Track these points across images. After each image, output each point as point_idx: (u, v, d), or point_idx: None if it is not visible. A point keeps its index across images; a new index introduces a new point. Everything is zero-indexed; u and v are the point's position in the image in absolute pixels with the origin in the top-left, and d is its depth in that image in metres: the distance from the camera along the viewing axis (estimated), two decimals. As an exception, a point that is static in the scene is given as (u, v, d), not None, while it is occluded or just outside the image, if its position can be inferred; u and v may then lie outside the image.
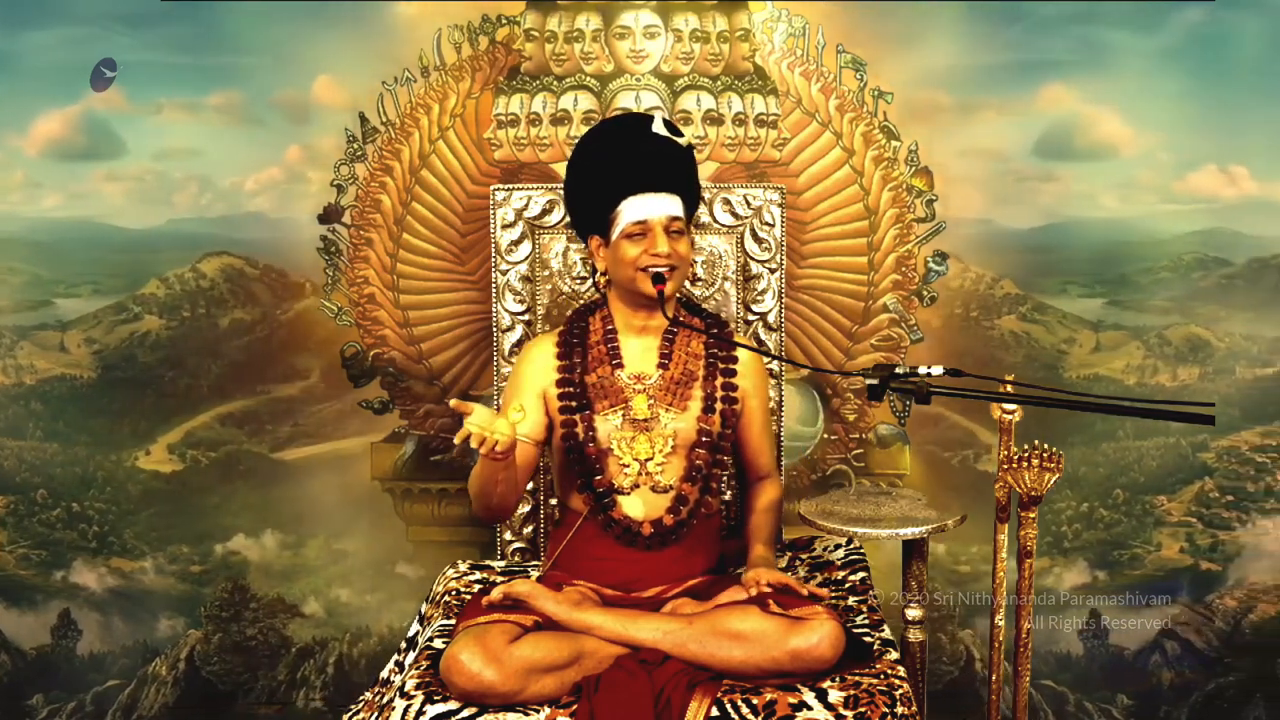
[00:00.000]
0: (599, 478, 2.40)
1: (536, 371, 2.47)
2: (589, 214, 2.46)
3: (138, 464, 3.34)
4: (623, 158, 2.40)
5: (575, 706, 2.05)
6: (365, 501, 3.32)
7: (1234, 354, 3.28)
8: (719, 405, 2.44)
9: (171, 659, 3.40)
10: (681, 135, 2.43)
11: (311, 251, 3.25)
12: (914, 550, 2.51)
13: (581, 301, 2.75)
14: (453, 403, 2.13)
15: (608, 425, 2.41)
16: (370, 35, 3.15)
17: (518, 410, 2.29)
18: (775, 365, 2.78)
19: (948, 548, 3.31)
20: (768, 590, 2.19)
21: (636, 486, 2.40)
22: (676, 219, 2.37)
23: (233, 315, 3.31)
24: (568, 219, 2.67)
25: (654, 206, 2.37)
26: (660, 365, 2.45)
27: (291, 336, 3.31)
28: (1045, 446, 2.35)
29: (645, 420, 2.41)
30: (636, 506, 2.40)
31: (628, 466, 2.40)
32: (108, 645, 3.41)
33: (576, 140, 2.73)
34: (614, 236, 2.40)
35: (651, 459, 2.40)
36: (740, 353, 2.48)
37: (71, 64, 3.17)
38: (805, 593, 2.20)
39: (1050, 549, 3.33)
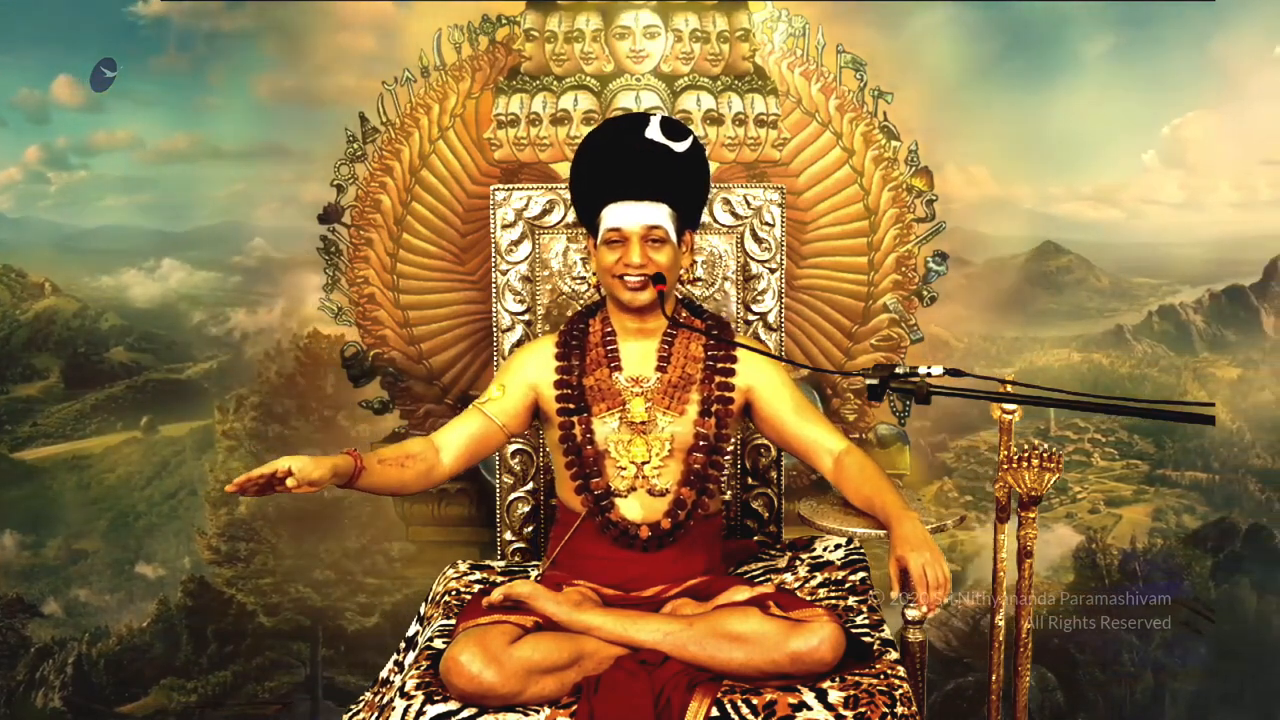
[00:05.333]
0: (596, 480, 2.40)
1: (532, 365, 2.47)
2: (583, 216, 2.47)
3: None
4: (607, 164, 2.39)
5: (575, 707, 2.05)
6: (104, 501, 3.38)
7: (973, 354, 3.28)
8: (715, 408, 2.43)
9: (-90, 659, 3.41)
10: (685, 138, 2.39)
11: (49, 251, 3.28)
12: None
13: (582, 302, 2.75)
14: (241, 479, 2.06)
15: (605, 428, 2.41)
16: (104, 32, 3.17)
17: (498, 389, 2.40)
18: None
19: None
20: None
21: (633, 489, 2.40)
22: (655, 228, 2.35)
23: None
24: (577, 218, 2.67)
25: (631, 216, 2.35)
26: (659, 368, 2.44)
27: (31, 336, 3.33)
28: (1045, 446, 2.36)
29: (642, 423, 2.41)
30: (634, 509, 2.40)
31: (624, 469, 2.40)
32: None
33: (577, 140, 2.73)
34: (598, 241, 2.40)
35: (648, 462, 2.40)
36: (747, 352, 2.46)
37: None
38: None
39: (792, 549, 3.34)
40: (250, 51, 3.20)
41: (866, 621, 2.36)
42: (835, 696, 2.05)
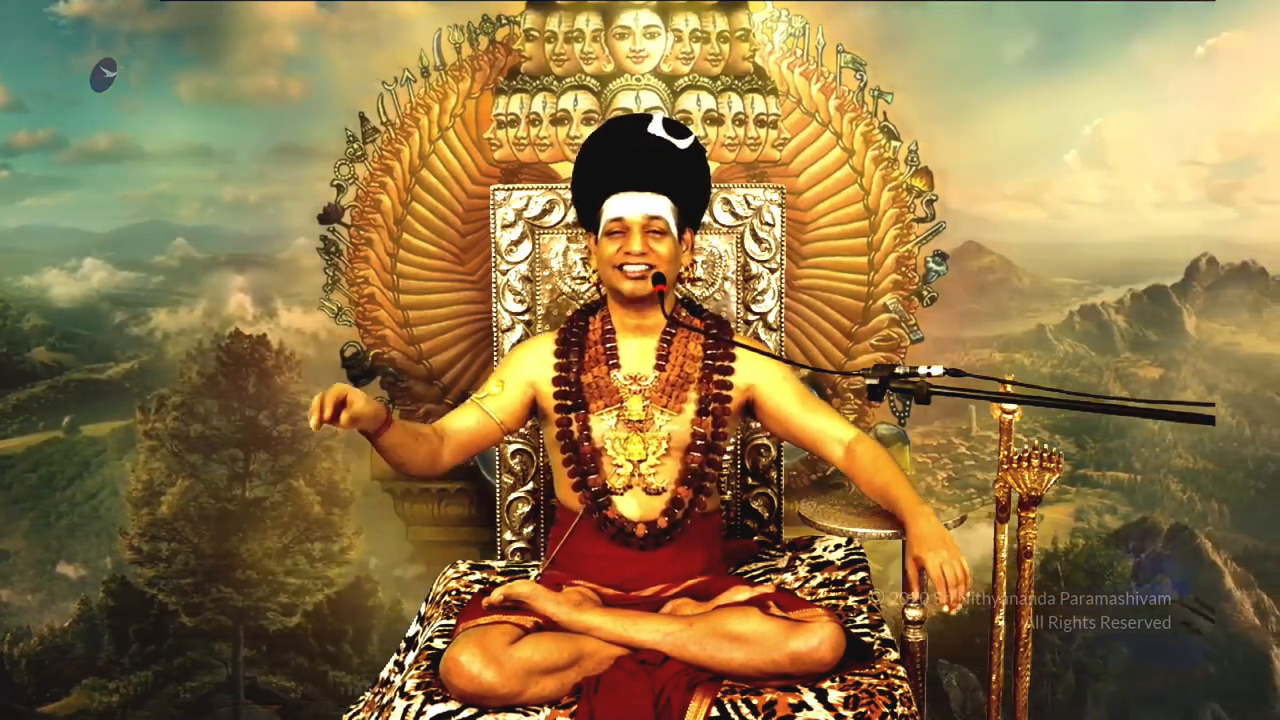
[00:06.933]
0: (593, 477, 2.40)
1: (530, 362, 2.48)
2: (584, 212, 2.49)
3: None
4: (609, 157, 2.41)
5: (575, 707, 2.05)
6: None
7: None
8: (713, 407, 2.43)
9: None
10: (686, 137, 2.42)
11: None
12: (914, 550, 2.51)
13: (581, 301, 2.75)
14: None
15: (602, 425, 2.41)
16: (25, 31, 3.19)
17: (497, 384, 2.41)
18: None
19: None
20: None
21: (630, 487, 2.40)
22: (656, 218, 2.37)
23: None
24: (577, 218, 2.68)
25: (633, 205, 2.37)
26: (657, 366, 2.45)
27: None
28: (1045, 447, 2.36)
29: (639, 421, 2.41)
30: (631, 507, 2.40)
31: (621, 467, 2.40)
32: None
33: (577, 139, 2.72)
34: (599, 234, 2.41)
35: (645, 460, 2.40)
36: (748, 351, 2.46)
37: None
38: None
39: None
40: (172, 51, 3.21)
41: (866, 621, 2.36)
42: (835, 696, 2.05)
